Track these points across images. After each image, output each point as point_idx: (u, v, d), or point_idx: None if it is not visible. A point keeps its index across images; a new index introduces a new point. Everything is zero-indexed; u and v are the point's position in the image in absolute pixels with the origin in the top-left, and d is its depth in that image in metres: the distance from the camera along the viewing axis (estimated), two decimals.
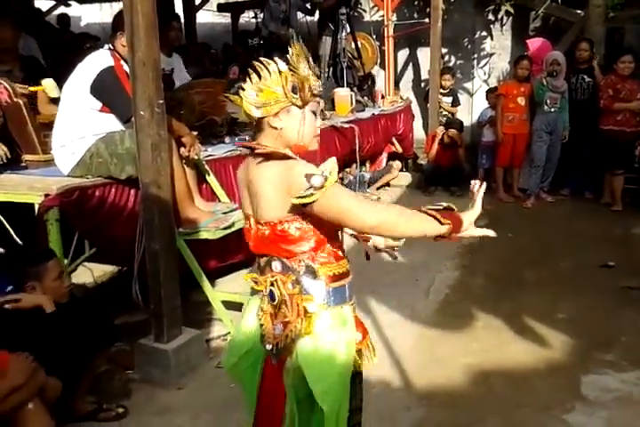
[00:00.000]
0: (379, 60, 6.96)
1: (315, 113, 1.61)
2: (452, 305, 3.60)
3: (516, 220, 5.26)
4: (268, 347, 1.62)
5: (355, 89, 6.14)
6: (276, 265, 1.60)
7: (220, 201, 3.49)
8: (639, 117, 5.35)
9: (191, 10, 7.86)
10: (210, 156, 3.66)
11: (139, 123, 2.64)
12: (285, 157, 1.54)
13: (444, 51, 7.83)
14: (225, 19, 8.88)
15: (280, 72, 1.52)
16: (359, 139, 5.31)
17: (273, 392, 1.66)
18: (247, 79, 1.54)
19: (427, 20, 7.13)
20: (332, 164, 1.47)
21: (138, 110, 2.62)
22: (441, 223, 1.50)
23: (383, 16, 7.08)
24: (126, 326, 3.01)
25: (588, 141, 5.56)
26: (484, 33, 8.14)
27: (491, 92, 6.41)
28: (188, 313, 3.10)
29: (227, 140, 4.10)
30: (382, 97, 6.61)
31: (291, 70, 1.53)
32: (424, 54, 7.54)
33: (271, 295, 1.61)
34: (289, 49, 1.55)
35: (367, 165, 6.33)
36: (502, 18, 8.07)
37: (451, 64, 8.01)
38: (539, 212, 5.49)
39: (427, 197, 6.10)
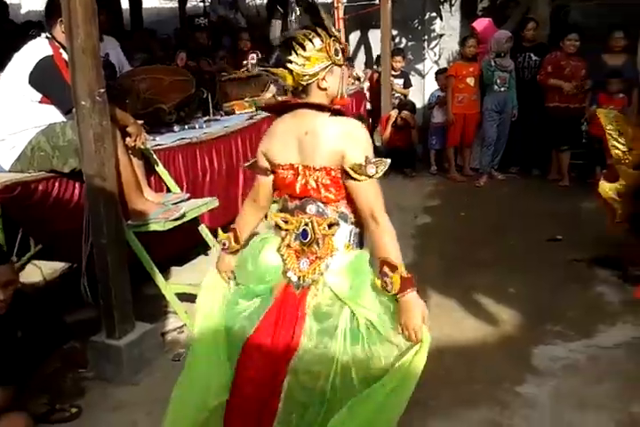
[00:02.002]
0: None
1: None
2: None
3: (468, 199, 5.36)
4: (294, 278, 1.81)
5: None
6: (311, 208, 1.81)
7: (169, 191, 3.44)
8: (582, 94, 5.48)
9: None
10: (158, 145, 3.59)
11: (80, 113, 2.57)
12: (341, 113, 1.78)
13: (394, 32, 7.83)
14: (172, 3, 8.68)
15: (323, 41, 1.74)
16: None
17: (285, 318, 1.79)
18: (292, 52, 1.74)
19: (377, 1, 7.11)
20: (386, 164, 1.75)
21: (78, 100, 2.55)
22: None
23: None
24: (78, 323, 2.95)
25: (535, 119, 5.67)
26: (434, 14, 8.17)
27: (440, 74, 6.46)
28: (141, 307, 3.06)
29: (176, 128, 4.04)
30: (357, 78, 6.57)
31: (330, 36, 1.76)
32: (375, 36, 7.52)
33: (304, 234, 1.81)
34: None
35: None
36: None
37: (402, 46, 8.03)
38: (490, 190, 5.60)
39: (382, 180, 6.13)
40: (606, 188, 3.54)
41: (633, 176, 3.42)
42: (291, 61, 1.75)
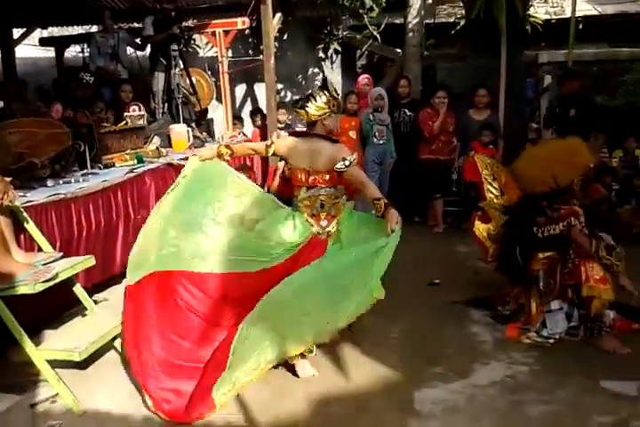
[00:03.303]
0: (215, 96, 7.03)
1: None
2: None
3: None
4: (320, 230, 3.10)
5: (192, 125, 6.13)
6: (321, 191, 3.09)
7: (41, 251, 3.25)
8: (451, 146, 5.94)
9: (8, 43, 7.36)
10: (29, 202, 3.42)
11: None
12: (333, 140, 3.09)
13: (279, 86, 8.13)
14: (49, 53, 8.44)
15: (327, 98, 3.04)
16: None
17: (310, 255, 3.02)
18: (309, 101, 3.04)
19: (261, 56, 7.37)
20: (355, 156, 3.04)
21: None
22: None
23: (217, 52, 7.20)
24: None
25: (411, 169, 6.04)
26: (316, 69, 8.61)
27: None
28: (9, 376, 2.84)
29: (49, 183, 3.87)
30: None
31: (331, 96, 3.06)
32: (261, 89, 7.76)
33: (321, 205, 3.10)
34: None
35: None
36: (332, 56, 8.61)
37: (287, 99, 8.34)
38: None
39: None
40: (480, 228, 3.81)
41: (502, 219, 3.72)
42: (308, 106, 3.04)
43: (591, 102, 5.75)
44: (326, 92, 3.04)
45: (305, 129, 3.30)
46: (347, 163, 2.99)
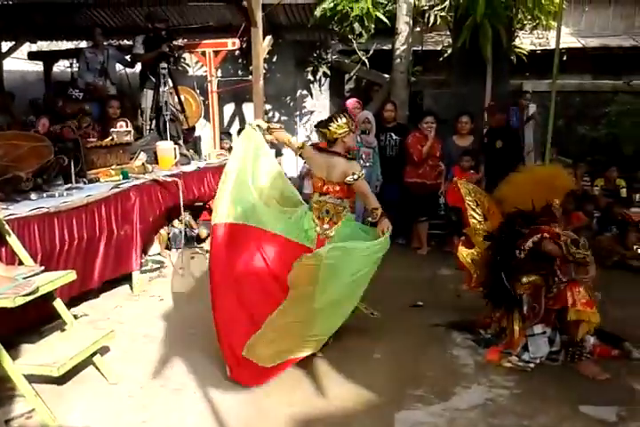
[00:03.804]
0: (202, 114, 7.07)
1: None
2: None
3: None
4: (321, 232, 3.58)
5: (179, 142, 6.14)
6: (329, 199, 3.59)
7: (22, 264, 3.21)
8: (438, 170, 6.02)
9: None
10: (11, 215, 3.38)
11: None
12: (348, 158, 3.62)
13: (268, 107, 8.21)
14: (38, 67, 8.45)
15: (346, 119, 3.59)
16: (183, 193, 5.27)
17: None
18: (333, 121, 3.57)
19: (250, 77, 7.45)
20: (363, 172, 3.57)
21: None
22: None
23: (207, 72, 7.26)
24: None
25: (396, 192, 6.09)
26: (305, 92, 8.72)
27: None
28: None
29: (33, 196, 3.84)
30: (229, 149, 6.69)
31: (350, 118, 3.65)
32: (249, 109, 7.83)
33: (327, 211, 3.59)
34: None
35: (197, 219, 6.29)
36: (320, 78, 8.73)
37: (275, 120, 8.41)
38: None
39: None
40: (464, 253, 3.83)
41: (485, 245, 3.75)
42: (331, 126, 3.56)
43: (516, 135, 6.02)
44: (346, 115, 3.63)
45: (326, 146, 3.77)
46: (355, 177, 3.48)
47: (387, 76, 8.08)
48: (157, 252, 5.55)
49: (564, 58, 7.47)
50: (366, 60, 8.12)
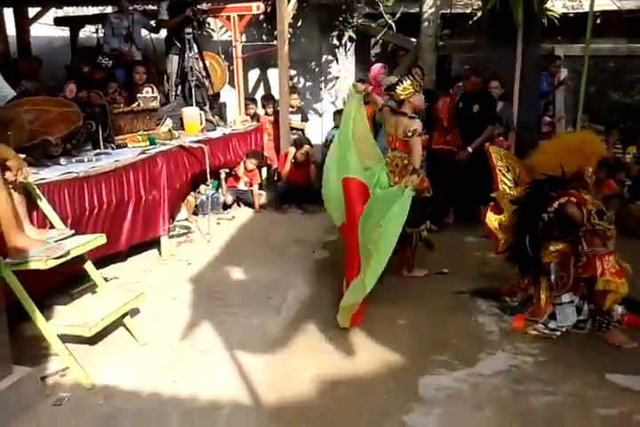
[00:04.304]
0: (227, 80, 7.01)
1: None
2: (304, 320, 3.68)
3: None
4: (392, 184, 3.95)
5: (205, 108, 6.12)
6: (399, 153, 4.03)
7: (53, 228, 3.27)
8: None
9: (24, 22, 7.35)
10: (42, 179, 3.44)
11: None
12: (410, 116, 3.97)
13: (293, 72, 8.09)
14: (64, 32, 8.43)
15: (411, 81, 3.95)
16: (209, 158, 5.28)
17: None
18: (398, 84, 3.97)
19: (275, 42, 7.33)
20: (418, 129, 3.94)
21: None
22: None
23: (232, 36, 7.16)
24: None
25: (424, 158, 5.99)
26: (330, 57, 8.55)
27: (337, 113, 6.72)
28: (20, 349, 2.87)
29: (63, 161, 3.89)
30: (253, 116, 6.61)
31: (415, 79, 4.01)
32: (274, 75, 7.72)
33: (396, 165, 4.01)
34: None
35: (223, 184, 6.32)
36: (346, 43, 8.55)
37: (300, 85, 8.30)
38: None
39: (281, 215, 6.22)
40: (492, 218, 3.81)
41: (512, 210, 3.71)
42: (397, 88, 3.95)
43: (492, 99, 5.80)
44: (410, 77, 4.02)
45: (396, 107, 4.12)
46: (409, 134, 3.91)
47: (414, 40, 7.88)
48: (185, 217, 5.61)
49: (598, 21, 7.18)
50: (393, 24, 7.91)
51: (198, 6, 6.29)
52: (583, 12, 7.55)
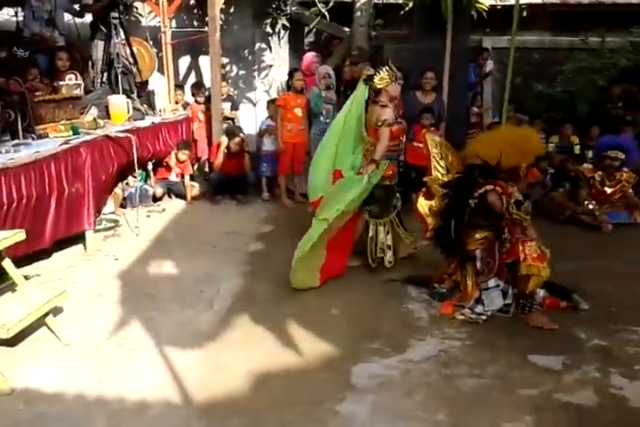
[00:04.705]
0: (156, 67, 6.79)
1: None
2: (237, 313, 3.64)
3: (299, 224, 5.50)
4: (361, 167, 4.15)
5: (132, 96, 5.91)
6: (371, 139, 4.11)
7: None
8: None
9: None
10: None
11: None
12: (382, 105, 4.09)
13: (225, 60, 7.94)
14: None
15: (387, 71, 4.03)
16: (137, 149, 5.11)
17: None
18: (375, 74, 4.05)
19: (206, 28, 7.15)
20: (388, 120, 4.05)
21: None
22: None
23: (160, 22, 6.94)
24: None
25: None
26: (264, 45, 8.46)
27: (271, 103, 6.65)
28: None
29: None
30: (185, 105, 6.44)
31: (391, 70, 4.06)
32: (206, 62, 7.55)
33: (367, 150, 4.13)
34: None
35: (151, 176, 6.13)
36: (279, 31, 8.47)
37: (232, 74, 8.17)
38: None
39: (214, 207, 6.11)
40: (423, 204, 3.92)
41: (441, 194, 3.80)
42: (374, 78, 4.03)
43: None
44: (387, 67, 4.05)
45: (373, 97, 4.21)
46: (379, 123, 4.04)
47: (347, 29, 7.89)
48: (112, 210, 5.43)
49: (524, 14, 7.42)
50: (326, 13, 7.89)
51: None
52: (510, 4, 7.77)
